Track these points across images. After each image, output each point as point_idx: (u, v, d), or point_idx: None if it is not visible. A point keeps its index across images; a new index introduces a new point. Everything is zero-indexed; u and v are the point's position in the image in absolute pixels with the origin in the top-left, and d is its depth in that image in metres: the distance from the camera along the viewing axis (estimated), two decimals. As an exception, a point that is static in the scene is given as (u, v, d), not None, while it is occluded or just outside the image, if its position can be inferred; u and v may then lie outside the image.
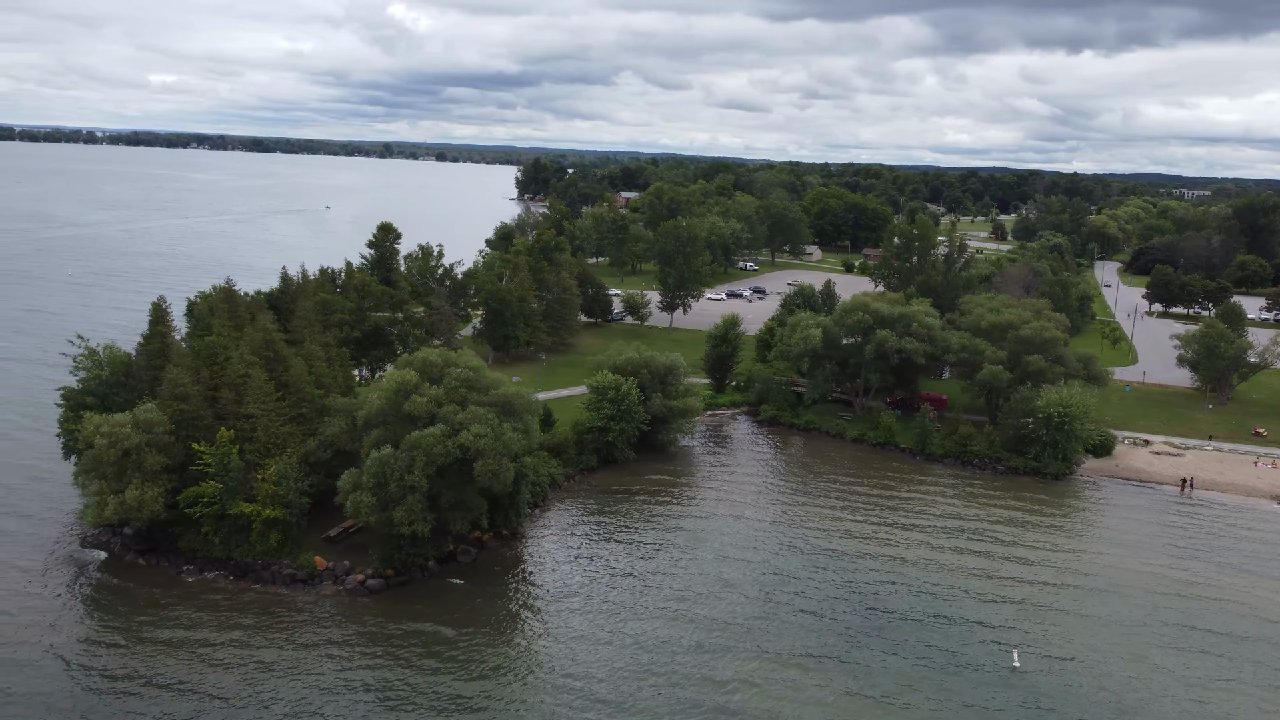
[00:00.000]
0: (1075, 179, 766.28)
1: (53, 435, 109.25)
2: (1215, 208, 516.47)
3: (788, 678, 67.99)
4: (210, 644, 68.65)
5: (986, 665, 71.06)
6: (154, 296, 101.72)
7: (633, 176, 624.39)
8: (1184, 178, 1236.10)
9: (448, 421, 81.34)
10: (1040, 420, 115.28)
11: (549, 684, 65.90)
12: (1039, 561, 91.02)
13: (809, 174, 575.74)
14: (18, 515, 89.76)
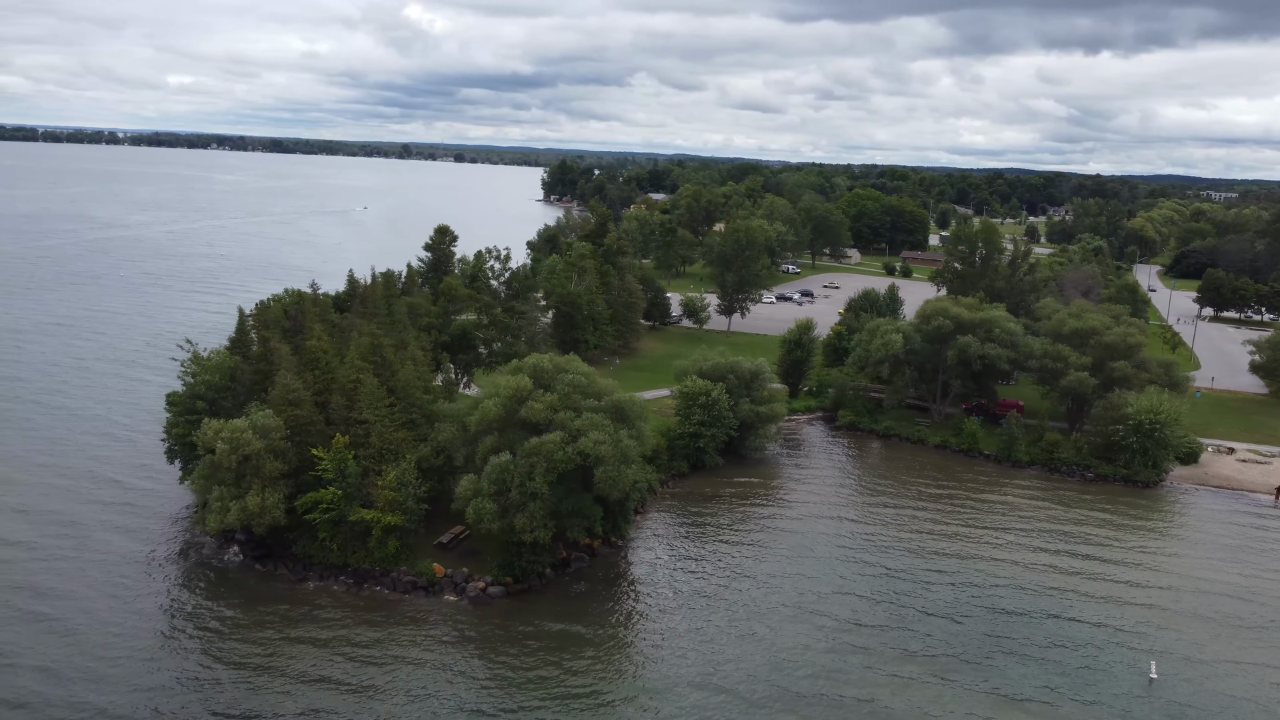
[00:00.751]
0: (1101, 181, 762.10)
1: (153, 437, 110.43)
2: (1249, 209, 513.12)
3: (929, 681, 67.52)
4: (346, 650, 68.52)
5: (1122, 674, 70.35)
6: (213, 298, 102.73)
7: (659, 178, 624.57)
8: (1202, 179, 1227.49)
9: (565, 428, 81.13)
10: (1131, 427, 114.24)
11: (690, 684, 65.67)
12: (1148, 566, 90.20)
13: (836, 176, 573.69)
14: (133, 517, 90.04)
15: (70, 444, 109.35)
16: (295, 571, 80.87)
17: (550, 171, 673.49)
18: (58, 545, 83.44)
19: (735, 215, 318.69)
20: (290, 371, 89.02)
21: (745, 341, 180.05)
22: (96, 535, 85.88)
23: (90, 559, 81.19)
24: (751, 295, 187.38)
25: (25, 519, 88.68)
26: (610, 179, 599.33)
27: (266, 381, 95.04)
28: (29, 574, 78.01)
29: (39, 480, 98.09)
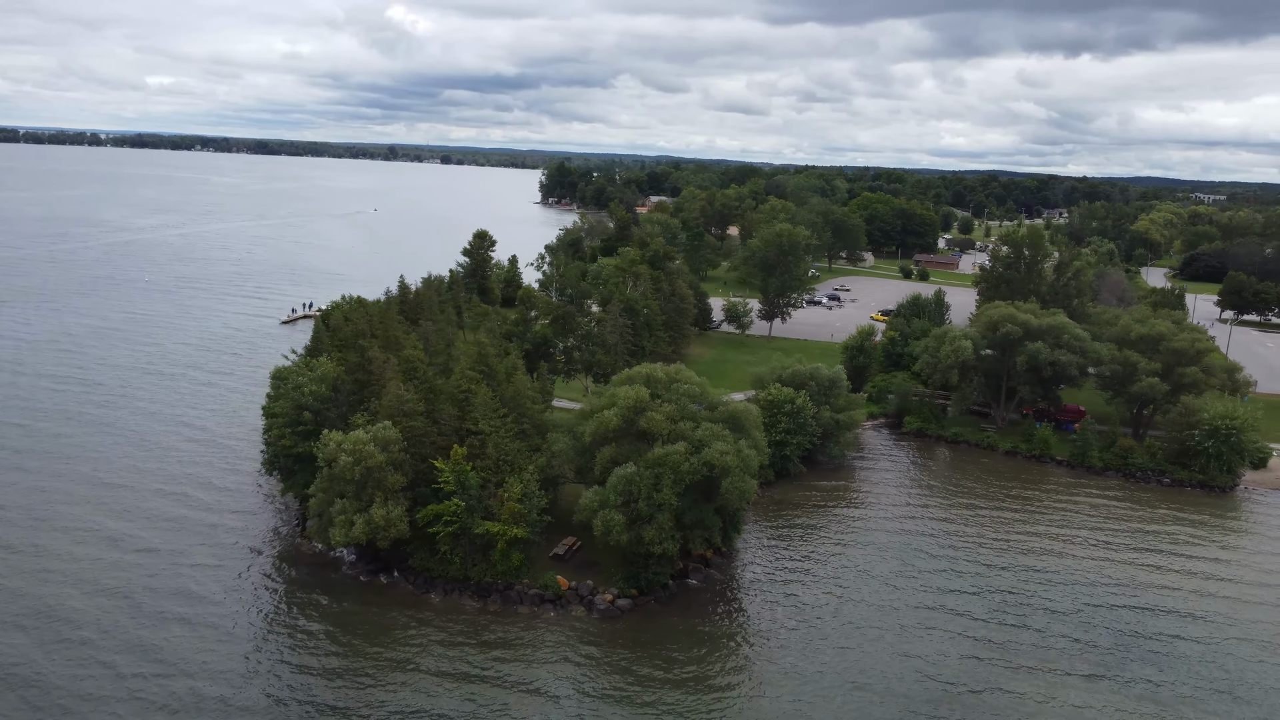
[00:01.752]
0: (1092, 183, 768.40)
1: (241, 443, 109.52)
2: (1243, 212, 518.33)
3: (1073, 692, 67.61)
4: (493, 666, 67.91)
5: (1270, 684, 70.76)
6: (248, 301, 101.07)
7: (658, 180, 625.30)
8: (1182, 181, 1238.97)
9: (686, 438, 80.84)
10: (1206, 432, 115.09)
11: (846, 686, 65.53)
12: (1256, 581, 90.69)
13: (835, 179, 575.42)
14: (235, 528, 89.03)
15: (159, 450, 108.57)
16: (417, 585, 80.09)
17: (548, 174, 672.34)
18: (142, 565, 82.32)
19: (749, 218, 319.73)
20: (397, 381, 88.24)
21: (789, 346, 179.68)
22: (199, 545, 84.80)
23: (201, 569, 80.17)
24: (794, 299, 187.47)
25: (131, 523, 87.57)
26: (610, 181, 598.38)
27: (364, 391, 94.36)
28: (146, 580, 76.97)
29: (133, 485, 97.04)
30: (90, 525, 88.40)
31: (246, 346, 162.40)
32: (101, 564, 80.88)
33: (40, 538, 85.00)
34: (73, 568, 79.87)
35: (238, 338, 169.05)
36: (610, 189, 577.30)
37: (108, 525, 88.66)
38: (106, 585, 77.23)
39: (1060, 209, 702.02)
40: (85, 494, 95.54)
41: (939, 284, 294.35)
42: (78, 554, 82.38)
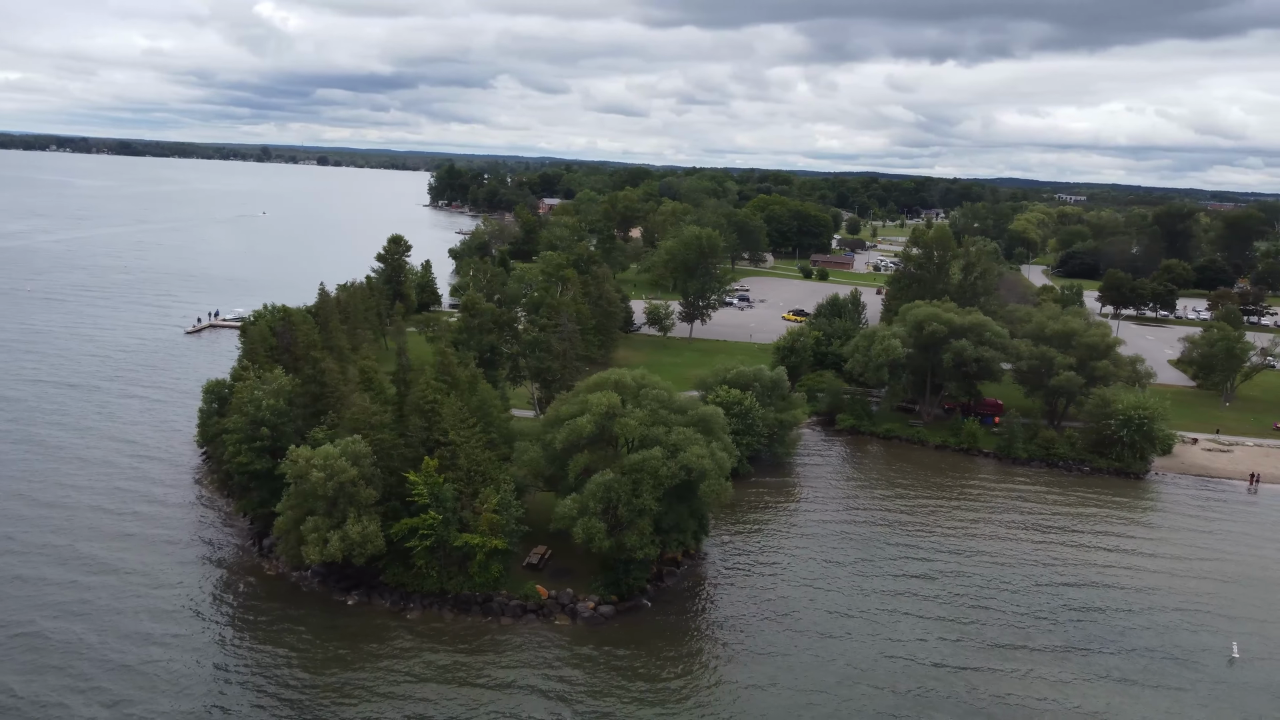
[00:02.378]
0: (965, 185, 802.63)
1: (181, 460, 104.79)
2: (1105, 212, 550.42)
3: (1047, 666, 71.05)
4: (495, 683, 67.02)
5: (1208, 655, 75.92)
6: (144, 309, 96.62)
7: (551, 182, 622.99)
8: (1041, 182, 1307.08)
9: (660, 443, 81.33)
10: (1122, 422, 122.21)
11: (835, 676, 67.21)
12: (1181, 555, 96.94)
13: (726, 181, 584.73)
14: (197, 549, 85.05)
15: (94, 466, 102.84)
16: (392, 601, 78.21)
17: (437, 176, 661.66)
18: (107, 587, 78.13)
19: (653, 221, 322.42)
20: (360, 393, 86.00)
21: (711, 348, 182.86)
22: (154, 566, 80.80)
23: (162, 591, 76.44)
24: (714, 301, 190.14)
25: (78, 543, 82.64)
26: (503, 184, 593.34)
27: (318, 404, 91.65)
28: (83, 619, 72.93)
29: (72, 504, 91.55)
30: (36, 546, 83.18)
31: (160, 357, 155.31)
32: (55, 587, 76.27)
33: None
34: (25, 592, 74.98)
35: (146, 349, 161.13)
36: (503, 191, 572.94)
37: (54, 544, 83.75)
38: (69, 610, 72.89)
39: (937, 209, 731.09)
40: (23, 513, 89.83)
41: (839, 283, 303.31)
42: (28, 576, 77.41)
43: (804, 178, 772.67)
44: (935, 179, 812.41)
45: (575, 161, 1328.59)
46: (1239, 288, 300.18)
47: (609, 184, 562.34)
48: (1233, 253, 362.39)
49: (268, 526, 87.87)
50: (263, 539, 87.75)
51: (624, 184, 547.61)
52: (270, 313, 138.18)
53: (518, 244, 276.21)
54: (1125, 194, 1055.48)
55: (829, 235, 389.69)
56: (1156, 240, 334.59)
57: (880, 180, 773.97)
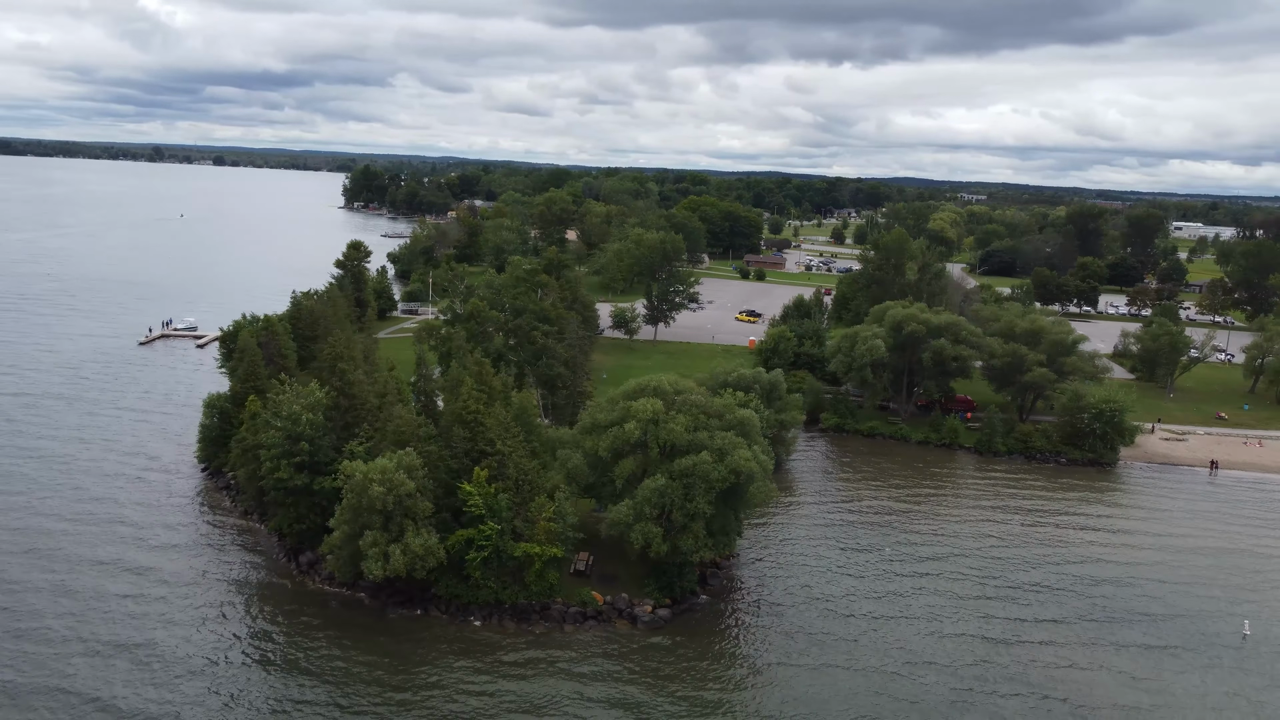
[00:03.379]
0: (875, 185, 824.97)
1: (183, 478, 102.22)
2: (1009, 211, 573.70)
3: (1087, 643, 75.41)
4: (566, 689, 67.77)
5: (1222, 623, 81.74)
6: (87, 321, 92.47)
7: (470, 184, 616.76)
8: (935, 181, 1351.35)
9: (706, 448, 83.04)
10: (1093, 415, 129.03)
11: (894, 661, 70.18)
12: (1160, 532, 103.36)
13: (648, 182, 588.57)
14: (231, 570, 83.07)
15: (97, 484, 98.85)
16: (451, 614, 77.99)
17: (351, 177, 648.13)
18: (159, 599, 76.09)
19: (592, 222, 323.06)
20: (403, 406, 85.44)
21: (677, 350, 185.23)
22: (190, 592, 78.86)
23: (204, 616, 74.76)
24: (679, 303, 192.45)
25: (104, 568, 79.86)
26: (421, 185, 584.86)
27: (346, 417, 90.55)
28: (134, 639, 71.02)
29: (86, 523, 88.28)
30: (60, 570, 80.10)
31: (119, 369, 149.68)
32: (92, 615, 73.68)
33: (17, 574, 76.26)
34: (58, 623, 72.32)
35: (100, 361, 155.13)
36: (423, 193, 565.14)
37: (81, 571, 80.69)
38: (102, 638, 70.58)
39: (848, 209, 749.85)
40: (32, 543, 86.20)
41: (777, 283, 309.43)
42: (61, 606, 74.61)
43: (711, 177, 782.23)
44: (845, 179, 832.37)
45: (478, 161, 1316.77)
46: (1145, 283, 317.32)
47: (530, 185, 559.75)
48: (1136, 249, 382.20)
49: (302, 543, 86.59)
50: (297, 556, 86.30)
51: (545, 185, 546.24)
52: (250, 323, 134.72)
53: (463, 247, 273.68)
54: (1020, 192, 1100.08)
55: (760, 236, 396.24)
56: (1070, 239, 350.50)
57: (793, 180, 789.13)
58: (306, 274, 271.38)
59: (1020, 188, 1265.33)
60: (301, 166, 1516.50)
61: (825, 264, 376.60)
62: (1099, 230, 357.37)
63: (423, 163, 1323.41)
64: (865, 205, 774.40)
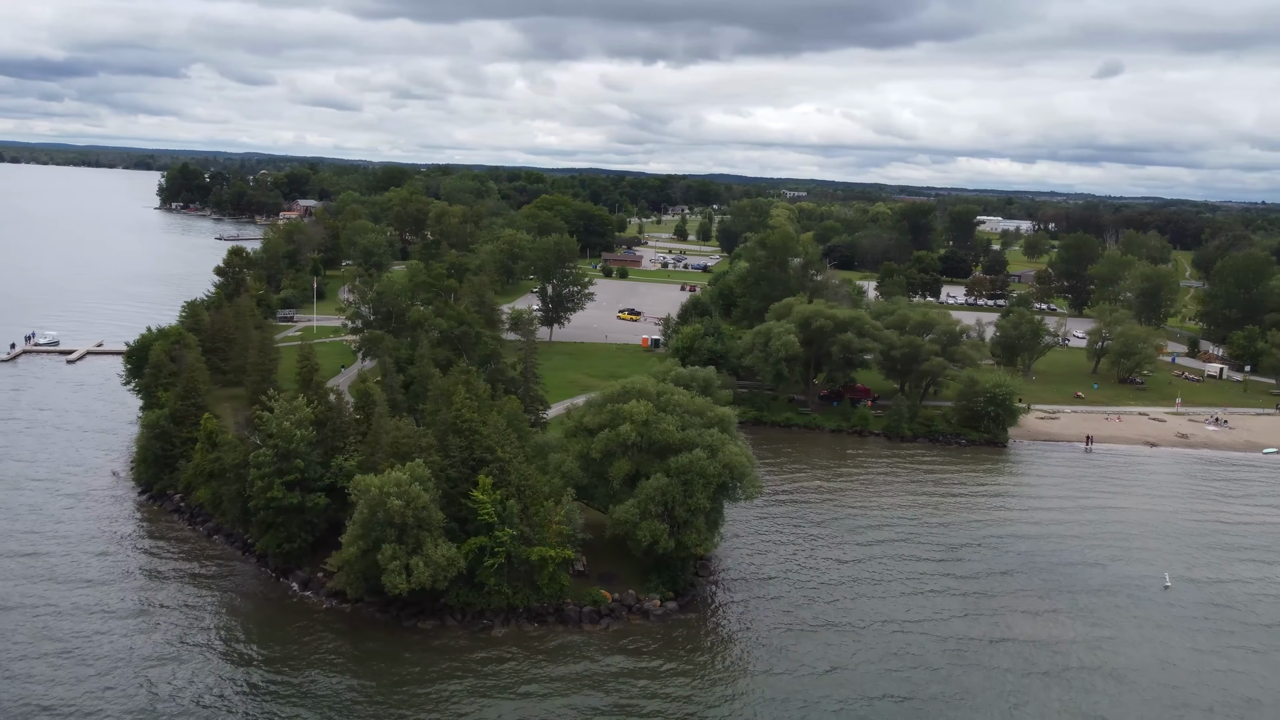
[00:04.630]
0: (704, 183, 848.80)
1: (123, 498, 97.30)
2: (833, 206, 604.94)
3: (1021, 618, 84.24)
4: (611, 683, 70.07)
5: (1146, 580, 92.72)
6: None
7: (299, 183, 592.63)
8: (747, 178, 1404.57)
9: (698, 445, 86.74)
10: (988, 399, 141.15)
11: (887, 630, 76.53)
12: (1061, 495, 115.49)
13: (488, 180, 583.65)
14: (222, 590, 79.96)
15: (24, 510, 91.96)
16: (468, 623, 78.32)
17: (168, 175, 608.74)
18: (166, 625, 72.97)
19: (452, 224, 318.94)
20: (399, 419, 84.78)
21: (575, 350, 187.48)
22: (187, 614, 75.87)
23: (215, 642, 72.39)
24: (575, 303, 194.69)
25: (86, 593, 75.38)
26: (249, 185, 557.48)
27: (326, 430, 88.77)
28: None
29: (43, 549, 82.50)
30: (34, 598, 75.05)
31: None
32: (87, 643, 69.83)
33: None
34: (42, 669, 68.25)
35: None
36: (252, 192, 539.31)
37: (49, 597, 75.86)
38: (106, 683, 67.27)
39: (681, 206, 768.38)
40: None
41: (642, 281, 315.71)
42: (42, 648, 70.21)
43: (546, 175, 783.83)
44: (678, 176, 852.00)
45: (286, 158, 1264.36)
46: (975, 275, 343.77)
47: (366, 185, 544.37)
48: (958, 243, 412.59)
49: (289, 563, 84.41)
50: (287, 576, 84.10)
51: (382, 184, 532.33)
52: (159, 336, 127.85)
53: (330, 251, 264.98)
54: (830, 189, 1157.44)
55: (613, 234, 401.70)
56: (904, 234, 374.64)
57: (627, 178, 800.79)
58: (155, 281, 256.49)
59: (827, 183, 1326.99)
60: (92, 163, 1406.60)
61: (678, 260, 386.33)
62: (929, 225, 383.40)
63: (227, 159, 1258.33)
64: (696, 202, 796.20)
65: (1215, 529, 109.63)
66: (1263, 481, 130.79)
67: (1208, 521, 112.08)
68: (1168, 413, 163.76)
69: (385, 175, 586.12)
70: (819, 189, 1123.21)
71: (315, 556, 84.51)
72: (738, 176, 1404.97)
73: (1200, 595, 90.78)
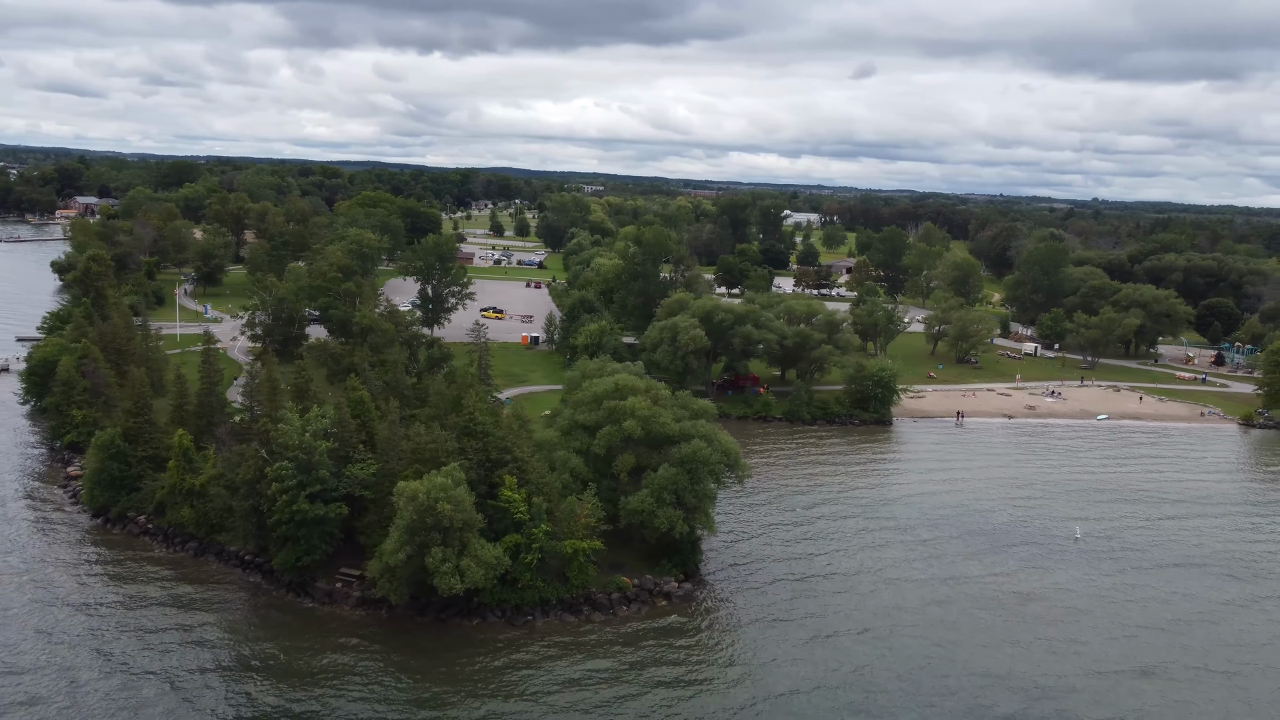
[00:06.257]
0: (505, 178, 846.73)
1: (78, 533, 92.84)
2: (638, 201, 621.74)
3: (979, 571, 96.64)
4: (665, 664, 75.28)
5: (1059, 542, 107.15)
6: None
7: (72, 177, 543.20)
8: (529, 171, 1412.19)
9: (695, 436, 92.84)
10: (875, 382, 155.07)
11: (881, 582, 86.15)
12: (970, 467, 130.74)
13: (288, 175, 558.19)
14: (261, 622, 78.18)
15: None
16: (509, 618, 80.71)
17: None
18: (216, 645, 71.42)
19: (278, 223, 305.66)
20: (419, 424, 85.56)
21: (459, 351, 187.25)
22: (219, 635, 74.41)
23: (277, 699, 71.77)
24: (455, 304, 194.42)
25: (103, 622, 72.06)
26: (26, 181, 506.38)
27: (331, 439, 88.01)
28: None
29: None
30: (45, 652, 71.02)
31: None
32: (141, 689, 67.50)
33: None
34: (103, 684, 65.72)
35: None
36: (19, 189, 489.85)
37: (59, 639, 72.02)
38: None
39: (483, 200, 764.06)
40: None
41: (487, 279, 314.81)
42: (96, 689, 67.25)
43: (357, 170, 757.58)
44: (480, 170, 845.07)
45: (23, 149, 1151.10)
46: (795, 267, 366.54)
47: (153, 180, 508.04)
48: (768, 235, 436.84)
49: (306, 576, 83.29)
50: (303, 588, 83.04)
51: (171, 180, 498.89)
52: (61, 350, 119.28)
53: (164, 254, 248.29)
54: (627, 183, 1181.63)
55: (438, 232, 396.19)
56: (725, 227, 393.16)
57: (428, 173, 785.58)
58: None
59: (607, 177, 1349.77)
60: None
61: (507, 257, 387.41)
62: (747, 220, 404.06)
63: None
64: (498, 197, 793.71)
65: (1090, 484, 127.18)
66: (1108, 443, 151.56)
67: (1081, 479, 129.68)
68: (1010, 388, 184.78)
69: (173, 170, 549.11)
70: (614, 184, 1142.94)
71: (328, 567, 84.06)
72: (520, 170, 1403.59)
73: (1105, 544, 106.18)
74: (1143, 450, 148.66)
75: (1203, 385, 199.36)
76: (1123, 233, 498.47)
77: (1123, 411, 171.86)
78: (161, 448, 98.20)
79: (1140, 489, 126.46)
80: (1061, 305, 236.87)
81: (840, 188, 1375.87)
